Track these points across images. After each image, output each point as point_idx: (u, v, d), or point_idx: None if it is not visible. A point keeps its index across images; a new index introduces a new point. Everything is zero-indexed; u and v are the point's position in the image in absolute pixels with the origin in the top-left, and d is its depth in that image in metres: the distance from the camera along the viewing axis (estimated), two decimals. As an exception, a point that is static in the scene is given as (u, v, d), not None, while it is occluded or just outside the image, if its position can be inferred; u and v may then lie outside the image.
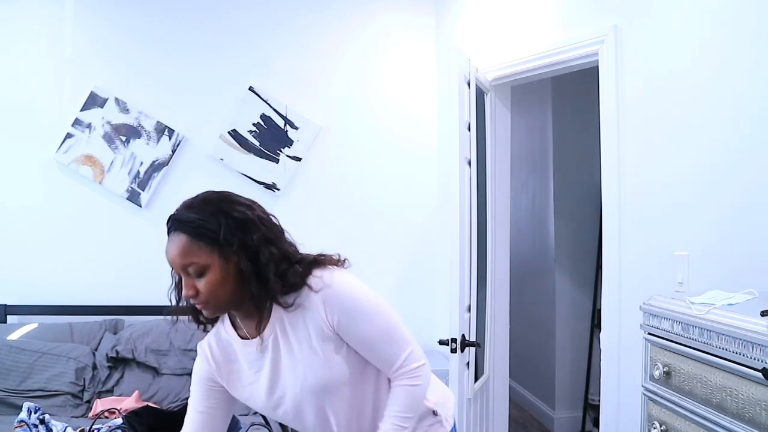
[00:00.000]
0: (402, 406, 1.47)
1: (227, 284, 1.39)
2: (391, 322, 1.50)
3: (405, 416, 1.47)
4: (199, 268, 1.39)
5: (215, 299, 1.41)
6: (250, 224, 1.40)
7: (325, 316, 1.42)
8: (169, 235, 1.45)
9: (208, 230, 1.38)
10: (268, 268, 1.39)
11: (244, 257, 1.38)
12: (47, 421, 2.31)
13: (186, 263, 1.40)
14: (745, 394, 1.25)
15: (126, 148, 3.49)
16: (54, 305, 3.38)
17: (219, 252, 1.38)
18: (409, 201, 3.80)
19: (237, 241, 1.38)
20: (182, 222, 1.42)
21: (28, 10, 3.43)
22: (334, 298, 1.42)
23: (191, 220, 1.41)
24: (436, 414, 1.58)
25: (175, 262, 1.43)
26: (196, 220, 1.40)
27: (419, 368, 1.50)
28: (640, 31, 2.23)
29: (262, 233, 1.41)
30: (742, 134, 1.84)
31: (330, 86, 3.73)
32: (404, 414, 1.47)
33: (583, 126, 3.94)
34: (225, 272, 1.38)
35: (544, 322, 4.26)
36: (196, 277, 1.40)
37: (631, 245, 2.28)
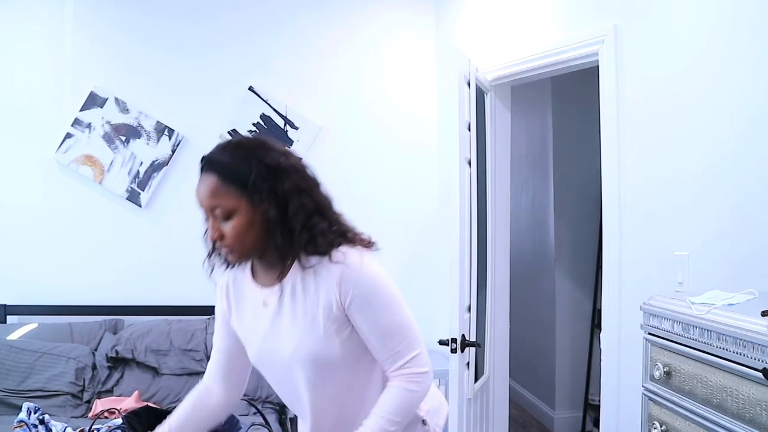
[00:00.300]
0: (394, 408, 1.41)
1: (252, 231, 1.38)
2: (406, 318, 1.45)
3: (394, 419, 1.40)
4: (225, 212, 1.37)
5: (240, 244, 1.39)
6: (282, 172, 1.38)
7: (338, 294, 1.39)
8: (201, 175, 1.41)
9: (238, 174, 1.36)
10: (296, 218, 1.37)
11: (273, 205, 1.37)
12: (47, 422, 2.31)
13: (213, 204, 1.38)
14: (745, 394, 1.25)
15: (126, 148, 3.49)
16: (54, 305, 3.38)
17: (247, 197, 1.36)
18: (409, 201, 3.79)
19: (267, 188, 1.36)
20: (214, 163, 1.39)
21: (28, 10, 3.43)
22: (353, 279, 1.39)
23: (223, 162, 1.38)
24: (425, 423, 1.53)
25: (204, 202, 1.40)
26: (228, 162, 1.38)
27: (422, 375, 1.43)
28: (640, 31, 2.23)
29: (295, 182, 1.39)
30: (742, 134, 1.83)
31: (330, 86, 3.73)
32: (394, 417, 1.40)
33: (583, 126, 3.94)
34: (251, 218, 1.37)
35: (544, 322, 4.26)
36: (222, 220, 1.39)
37: (631, 245, 2.27)
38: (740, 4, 1.86)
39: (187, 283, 3.50)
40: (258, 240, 1.39)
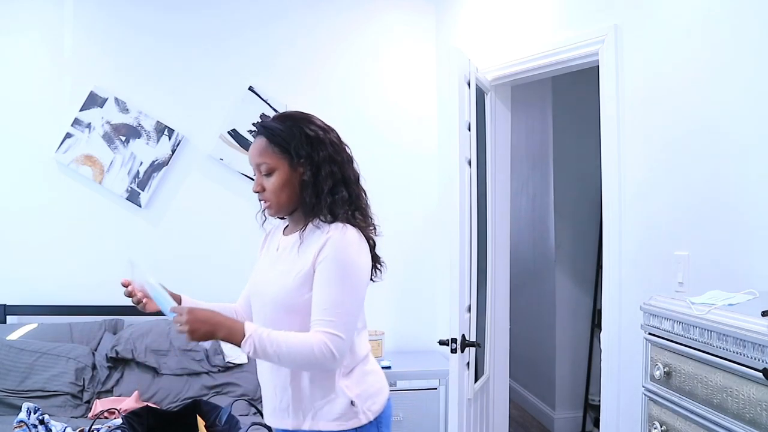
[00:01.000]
0: (294, 341, 1.54)
1: (288, 188, 1.64)
2: (351, 305, 1.59)
3: (283, 349, 1.53)
4: (268, 168, 1.64)
5: (277, 198, 1.65)
6: (319, 142, 1.64)
7: (318, 251, 1.59)
8: (255, 137, 1.69)
9: (283, 139, 1.63)
10: (325, 183, 1.63)
11: (308, 169, 1.63)
12: (47, 422, 2.31)
13: (260, 161, 1.65)
14: (745, 394, 1.25)
15: (126, 148, 3.49)
16: (54, 305, 3.38)
17: (288, 160, 1.63)
18: (409, 201, 3.79)
19: (305, 154, 1.63)
20: (265, 128, 1.67)
21: (28, 10, 3.42)
22: (333, 247, 1.59)
23: (272, 128, 1.66)
24: (353, 404, 1.65)
25: (253, 159, 1.67)
26: (276, 128, 1.65)
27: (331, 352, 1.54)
28: (640, 31, 2.23)
29: (329, 153, 1.65)
30: (743, 133, 1.83)
31: (330, 86, 3.72)
32: (286, 347, 1.53)
33: (583, 126, 3.94)
34: (289, 177, 1.64)
35: (544, 322, 4.26)
36: (265, 175, 1.65)
37: (631, 245, 2.28)
38: (740, 4, 1.86)
39: (188, 282, 3.51)
40: (291, 197, 1.66)
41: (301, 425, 1.65)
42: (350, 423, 1.65)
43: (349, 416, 1.65)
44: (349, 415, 1.65)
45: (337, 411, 1.64)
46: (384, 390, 1.76)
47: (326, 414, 1.64)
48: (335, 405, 1.64)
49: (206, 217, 3.54)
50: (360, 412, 1.66)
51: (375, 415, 1.69)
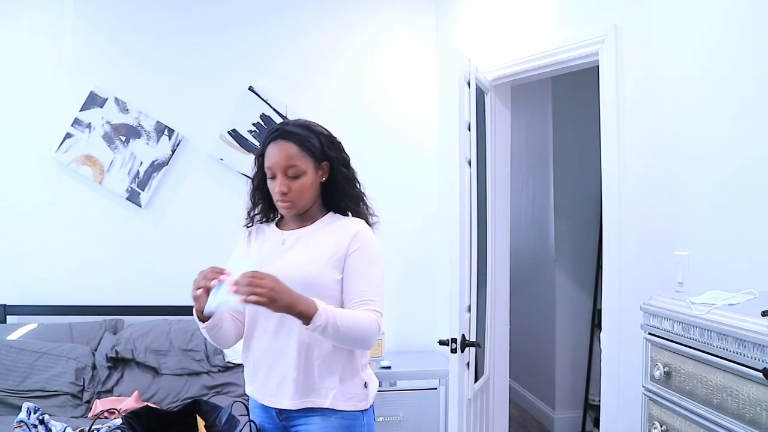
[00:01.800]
0: (356, 316, 1.68)
1: (312, 189, 1.78)
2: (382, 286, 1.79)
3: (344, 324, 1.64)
4: (297, 171, 1.75)
5: (302, 198, 1.77)
6: (335, 146, 1.82)
7: (349, 242, 1.75)
8: (276, 142, 1.76)
9: (312, 144, 1.76)
10: (340, 183, 1.82)
11: (328, 171, 1.80)
12: (47, 422, 2.31)
13: (289, 165, 1.74)
14: (745, 394, 1.25)
15: (126, 148, 3.49)
16: (54, 305, 3.38)
17: (315, 164, 1.77)
18: (409, 201, 3.79)
19: (329, 158, 1.79)
20: (293, 134, 1.76)
21: (28, 10, 3.43)
22: (364, 237, 1.78)
23: (300, 134, 1.77)
24: (366, 386, 1.79)
25: (279, 163, 1.74)
26: (304, 134, 1.77)
27: (379, 327, 1.73)
28: (640, 31, 2.23)
29: (341, 156, 1.83)
30: (743, 133, 1.83)
31: (330, 86, 3.73)
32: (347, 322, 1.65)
33: (583, 126, 3.94)
34: (314, 180, 1.78)
35: (544, 322, 4.26)
36: (292, 178, 1.75)
37: (631, 245, 2.28)
38: (740, 3, 1.86)
39: (187, 283, 3.50)
40: (312, 198, 1.80)
41: (323, 404, 1.73)
42: (361, 405, 1.77)
43: (361, 398, 1.77)
44: (361, 396, 1.77)
45: (353, 391, 1.76)
46: (374, 378, 1.89)
47: (345, 392, 1.75)
48: (354, 385, 1.77)
49: (206, 217, 3.54)
50: (368, 396, 1.80)
51: (373, 400, 1.83)
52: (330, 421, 1.73)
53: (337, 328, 1.62)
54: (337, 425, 1.73)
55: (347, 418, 1.74)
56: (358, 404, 1.76)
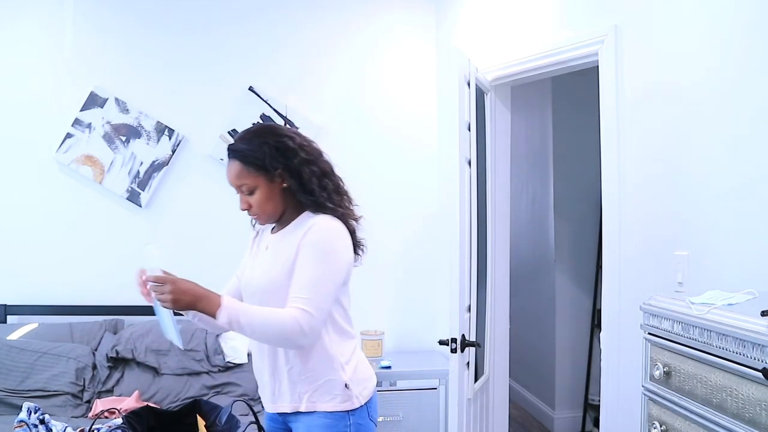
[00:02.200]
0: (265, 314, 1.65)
1: (272, 200, 1.76)
2: (326, 287, 1.68)
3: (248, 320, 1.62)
4: (249, 188, 1.75)
5: (264, 211, 1.78)
6: (289, 151, 1.75)
7: (301, 238, 1.71)
8: (228, 161, 1.78)
9: (255, 158, 1.73)
10: (311, 183, 1.75)
11: (289, 177, 1.74)
12: (47, 422, 2.31)
13: (239, 184, 1.76)
14: (745, 394, 1.25)
15: (126, 148, 3.49)
16: (54, 305, 3.38)
17: (264, 175, 1.74)
18: (409, 201, 3.79)
19: (280, 166, 1.73)
20: (235, 151, 1.76)
21: (28, 10, 3.43)
22: (314, 232, 1.71)
23: (242, 150, 1.75)
24: (347, 387, 1.76)
25: (232, 183, 1.78)
26: (246, 149, 1.74)
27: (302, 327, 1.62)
28: (641, 31, 2.23)
29: (302, 157, 1.75)
30: (742, 133, 1.83)
31: (330, 86, 3.73)
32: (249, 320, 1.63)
33: (583, 126, 3.94)
34: (270, 191, 1.75)
35: (544, 322, 4.26)
36: (248, 194, 1.76)
37: (631, 245, 2.28)
38: (740, 3, 1.86)
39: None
40: (277, 206, 1.78)
41: (298, 407, 1.75)
42: (344, 405, 1.75)
43: (343, 398, 1.75)
44: (343, 397, 1.75)
45: (333, 393, 1.74)
46: (372, 377, 1.88)
47: (322, 395, 1.74)
48: (331, 387, 1.74)
49: (206, 217, 3.54)
50: (353, 396, 1.77)
51: (366, 400, 1.80)
52: (312, 419, 1.75)
53: (242, 326, 1.62)
54: (319, 424, 1.74)
55: (329, 418, 1.74)
56: (340, 405, 1.75)
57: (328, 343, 1.75)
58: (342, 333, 1.79)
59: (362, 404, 1.79)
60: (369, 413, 1.82)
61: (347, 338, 1.81)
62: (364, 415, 1.80)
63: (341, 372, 1.76)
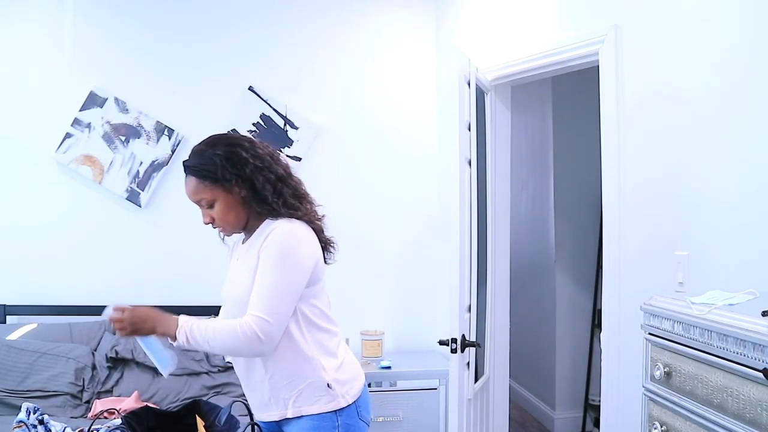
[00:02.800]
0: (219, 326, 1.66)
1: (233, 210, 1.76)
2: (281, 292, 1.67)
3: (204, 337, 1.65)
4: (208, 202, 1.75)
5: (227, 223, 1.78)
6: (241, 160, 1.72)
7: (260, 247, 1.70)
8: (185, 178, 1.78)
9: (208, 171, 1.72)
10: (265, 189, 1.73)
11: (244, 187, 1.73)
12: (46, 422, 2.31)
13: (197, 199, 1.77)
14: (745, 394, 1.25)
15: (125, 148, 3.49)
16: (53, 305, 3.38)
17: (221, 186, 1.73)
18: (410, 201, 3.79)
19: (233, 176, 1.72)
20: (189, 167, 1.76)
21: (27, 10, 3.42)
22: (271, 239, 1.69)
23: (194, 165, 1.75)
24: (330, 387, 1.75)
25: (191, 199, 1.78)
26: (198, 164, 1.74)
27: (255, 333, 1.62)
28: (641, 31, 2.23)
29: (253, 164, 1.73)
30: (743, 133, 1.83)
31: (330, 86, 3.72)
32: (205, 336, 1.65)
33: (583, 126, 3.94)
34: (229, 201, 1.74)
35: (544, 322, 4.25)
36: (208, 208, 1.76)
37: (632, 245, 2.27)
38: (740, 3, 1.85)
39: (187, 283, 3.51)
40: (240, 216, 1.77)
41: (285, 414, 1.75)
42: (330, 405, 1.75)
43: (328, 399, 1.75)
44: (328, 397, 1.75)
45: (316, 395, 1.74)
46: (360, 376, 1.87)
47: (305, 399, 1.74)
48: (314, 389, 1.74)
49: (206, 217, 3.53)
50: (339, 395, 1.76)
51: (354, 398, 1.79)
52: (299, 424, 1.75)
53: (198, 342, 1.65)
54: (307, 427, 1.74)
55: (316, 420, 1.74)
56: (326, 406, 1.74)
57: (304, 345, 1.74)
58: (320, 333, 1.78)
59: (350, 403, 1.78)
60: (359, 412, 1.80)
61: (327, 338, 1.80)
62: (353, 415, 1.79)
63: (322, 372, 1.75)
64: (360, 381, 1.85)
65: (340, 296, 3.64)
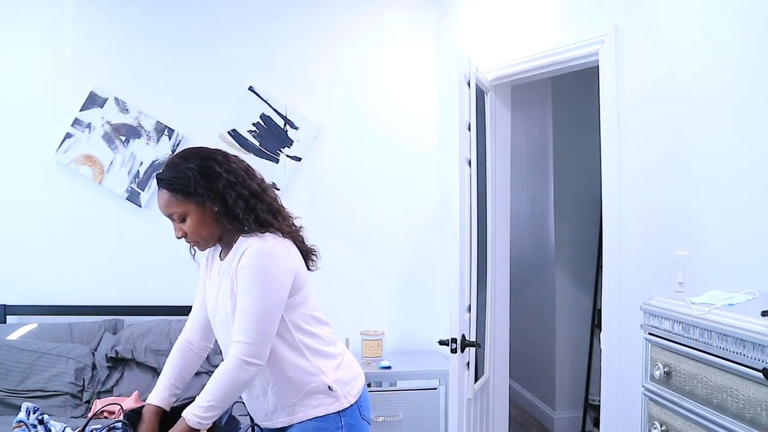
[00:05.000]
0: (213, 382, 1.66)
1: (206, 225, 1.73)
2: (261, 312, 1.65)
3: (208, 404, 1.64)
4: (180, 216, 1.73)
5: (200, 237, 1.75)
6: (214, 175, 1.70)
7: (235, 268, 1.69)
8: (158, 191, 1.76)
9: (180, 185, 1.70)
10: (236, 206, 1.70)
11: (216, 202, 1.70)
12: (46, 422, 2.31)
13: (170, 213, 1.74)
14: (745, 394, 1.25)
15: (126, 148, 3.49)
16: (54, 305, 3.38)
17: (193, 201, 1.70)
18: (410, 201, 3.79)
19: (205, 190, 1.69)
20: (161, 180, 1.73)
21: (28, 10, 3.43)
22: (247, 257, 1.67)
23: (167, 178, 1.72)
24: (331, 389, 1.77)
25: (163, 211, 1.76)
26: (171, 177, 1.71)
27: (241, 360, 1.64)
28: (641, 31, 2.23)
29: (226, 179, 1.70)
30: (743, 133, 1.83)
31: (330, 86, 3.73)
32: (208, 401, 1.64)
33: (583, 126, 3.94)
34: (202, 216, 1.71)
35: (544, 322, 4.26)
36: (180, 222, 1.74)
37: (632, 245, 2.27)
38: (740, 3, 1.85)
39: (187, 283, 3.50)
40: (213, 231, 1.74)
41: (293, 420, 1.77)
42: (333, 407, 1.77)
43: (330, 400, 1.77)
44: (330, 399, 1.77)
45: (318, 398, 1.76)
46: (360, 375, 1.89)
47: (310, 402, 1.75)
48: (315, 392, 1.76)
49: (206, 217, 3.53)
50: (341, 396, 1.78)
51: (355, 399, 1.82)
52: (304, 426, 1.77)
53: (213, 408, 1.65)
54: (311, 428, 1.76)
55: (321, 421, 1.76)
56: (329, 407, 1.77)
57: (298, 353, 1.76)
58: (313, 337, 1.79)
59: (352, 403, 1.80)
60: (361, 412, 1.83)
61: (321, 341, 1.80)
62: (356, 415, 1.81)
63: (322, 376, 1.76)
64: (360, 380, 1.88)
65: (340, 296, 3.67)
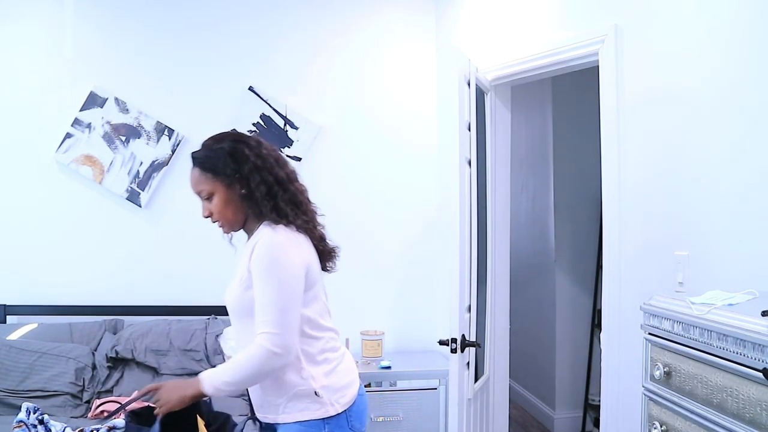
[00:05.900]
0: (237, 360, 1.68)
1: (231, 206, 1.76)
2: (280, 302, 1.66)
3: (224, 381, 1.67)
4: (207, 194, 1.77)
5: (224, 218, 1.78)
6: (242, 157, 1.75)
7: (249, 257, 1.71)
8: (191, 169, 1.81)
9: (210, 164, 1.75)
10: (258, 190, 1.74)
11: (242, 184, 1.75)
12: (46, 422, 2.31)
13: (198, 190, 1.79)
14: (745, 394, 1.25)
15: (126, 148, 3.49)
16: (54, 305, 3.38)
17: (222, 181, 1.75)
18: (409, 201, 3.79)
19: (233, 172, 1.74)
20: (194, 158, 1.79)
21: (28, 10, 3.42)
22: (259, 249, 1.69)
23: (199, 156, 1.79)
24: (317, 395, 1.74)
25: (193, 188, 1.80)
26: (203, 156, 1.78)
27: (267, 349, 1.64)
28: (641, 31, 2.23)
29: (253, 163, 1.75)
30: (743, 134, 1.83)
31: (330, 86, 3.73)
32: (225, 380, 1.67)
33: (583, 126, 3.94)
34: (228, 196, 1.76)
35: (544, 322, 4.26)
36: (206, 200, 1.78)
37: (632, 245, 2.27)
38: (740, 3, 1.86)
39: (187, 283, 3.52)
40: (237, 212, 1.78)
41: (276, 419, 1.77)
42: (318, 413, 1.73)
43: (315, 407, 1.74)
44: (315, 405, 1.74)
45: (304, 402, 1.74)
46: (354, 384, 1.84)
47: (295, 404, 1.74)
48: (302, 396, 1.74)
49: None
50: (327, 403, 1.74)
51: (344, 408, 1.77)
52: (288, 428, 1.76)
53: (229, 384, 1.67)
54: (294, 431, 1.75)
55: (304, 425, 1.74)
56: (314, 413, 1.73)
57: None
58: (311, 342, 1.76)
59: (339, 412, 1.76)
60: (349, 422, 1.78)
61: (316, 345, 1.77)
62: (343, 424, 1.76)
63: (311, 381, 1.74)
64: (353, 389, 1.83)
65: (340, 296, 3.64)
